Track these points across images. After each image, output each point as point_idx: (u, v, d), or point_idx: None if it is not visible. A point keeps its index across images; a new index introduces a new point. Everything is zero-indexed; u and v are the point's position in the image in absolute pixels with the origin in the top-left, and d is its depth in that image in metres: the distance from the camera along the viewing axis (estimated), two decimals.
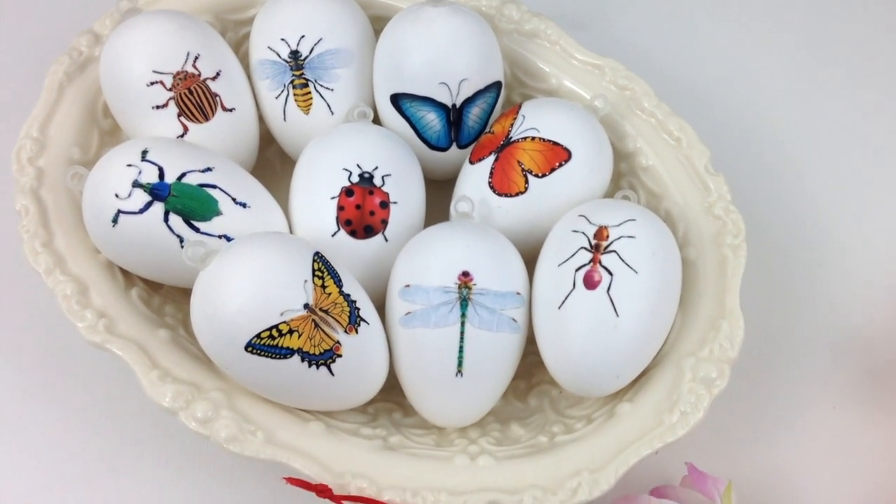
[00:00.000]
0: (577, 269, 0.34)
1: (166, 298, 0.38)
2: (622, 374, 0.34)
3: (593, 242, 0.35)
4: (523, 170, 0.37)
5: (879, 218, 0.43)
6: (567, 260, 0.35)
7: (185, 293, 0.36)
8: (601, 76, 0.41)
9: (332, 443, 0.34)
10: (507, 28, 0.42)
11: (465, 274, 0.34)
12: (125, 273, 0.37)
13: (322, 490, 0.32)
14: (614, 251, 0.34)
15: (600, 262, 0.34)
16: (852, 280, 0.42)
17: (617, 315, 0.33)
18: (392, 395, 0.37)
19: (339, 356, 0.33)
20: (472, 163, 0.39)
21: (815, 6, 0.49)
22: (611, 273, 0.34)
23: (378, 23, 0.41)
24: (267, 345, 0.32)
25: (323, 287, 0.33)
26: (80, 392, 0.38)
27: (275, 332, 0.32)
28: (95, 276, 0.36)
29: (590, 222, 0.35)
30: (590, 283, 0.34)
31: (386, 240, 0.37)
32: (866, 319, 0.41)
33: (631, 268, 0.34)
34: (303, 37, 0.39)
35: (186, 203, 0.35)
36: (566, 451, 0.34)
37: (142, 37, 0.38)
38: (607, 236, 0.35)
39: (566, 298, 0.34)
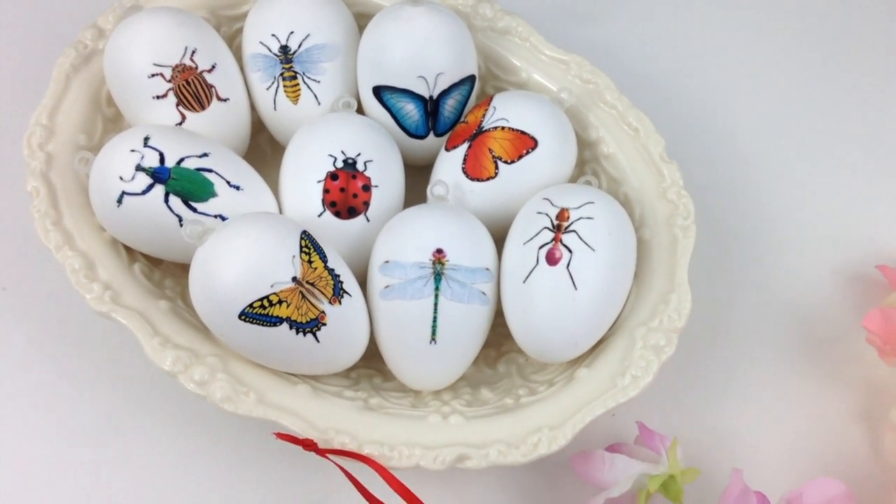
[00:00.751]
0: (541, 247, 0.37)
1: (166, 273, 0.40)
2: (580, 343, 0.37)
3: (555, 223, 0.37)
4: (494, 157, 0.40)
5: (818, 203, 0.46)
6: (531, 238, 0.37)
7: (183, 268, 0.39)
8: (567, 70, 0.44)
9: (317, 403, 0.36)
10: (481, 25, 0.44)
11: (439, 251, 0.37)
12: (128, 249, 0.39)
13: (308, 444, 0.35)
14: (574, 231, 0.37)
15: (561, 241, 0.37)
16: (793, 260, 0.44)
17: (575, 288, 0.36)
18: (373, 362, 0.39)
19: (324, 325, 0.36)
20: (447, 150, 0.41)
21: (768, 4, 0.52)
22: (570, 251, 0.37)
23: (362, 20, 0.43)
24: (258, 314, 0.34)
25: (309, 262, 0.35)
26: (87, 357, 0.40)
27: (265, 303, 0.34)
28: (101, 252, 0.38)
29: (553, 204, 0.38)
30: (551, 259, 0.37)
31: (368, 220, 0.39)
32: (804, 296, 0.43)
33: (588, 246, 0.37)
34: (292, 32, 0.41)
35: (185, 185, 0.37)
36: (529, 411, 0.37)
37: (143, 32, 0.40)
38: (568, 217, 0.37)
39: (530, 273, 0.37)
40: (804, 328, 0.42)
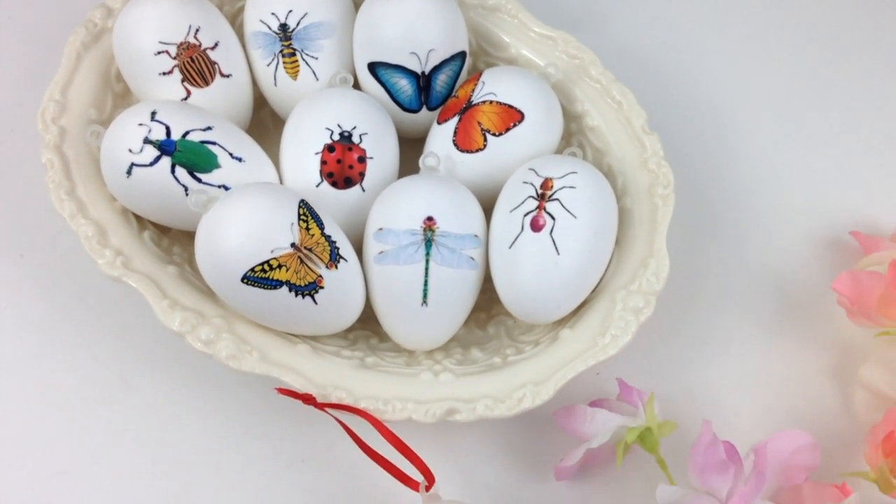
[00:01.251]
0: (526, 215, 0.39)
1: (174, 240, 0.42)
2: (563, 304, 0.39)
3: (539, 192, 0.39)
4: (482, 129, 0.42)
5: (794, 173, 0.47)
6: (517, 206, 0.39)
7: (189, 235, 0.40)
8: (554, 46, 0.45)
9: (316, 361, 0.38)
10: (471, 3, 0.46)
11: (430, 219, 0.39)
12: (138, 218, 0.41)
13: (307, 399, 0.37)
14: (557, 199, 0.39)
15: (545, 209, 0.39)
16: (769, 227, 0.45)
17: (558, 254, 0.38)
18: (369, 324, 0.41)
19: (322, 288, 0.37)
20: (439, 123, 0.43)
21: None
22: (553, 218, 0.38)
23: None
24: (259, 277, 0.36)
25: (307, 229, 0.37)
26: (100, 319, 0.42)
27: (266, 267, 0.36)
28: (112, 221, 0.40)
29: (537, 175, 0.40)
30: (535, 226, 0.38)
31: (363, 190, 0.41)
32: (780, 260, 0.45)
33: (571, 213, 0.38)
34: (290, 11, 0.43)
35: (190, 157, 0.39)
36: (515, 369, 0.39)
37: (150, 11, 0.42)
38: (552, 186, 0.39)
39: (516, 239, 0.39)
40: (779, 291, 0.44)
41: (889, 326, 0.39)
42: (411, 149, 0.44)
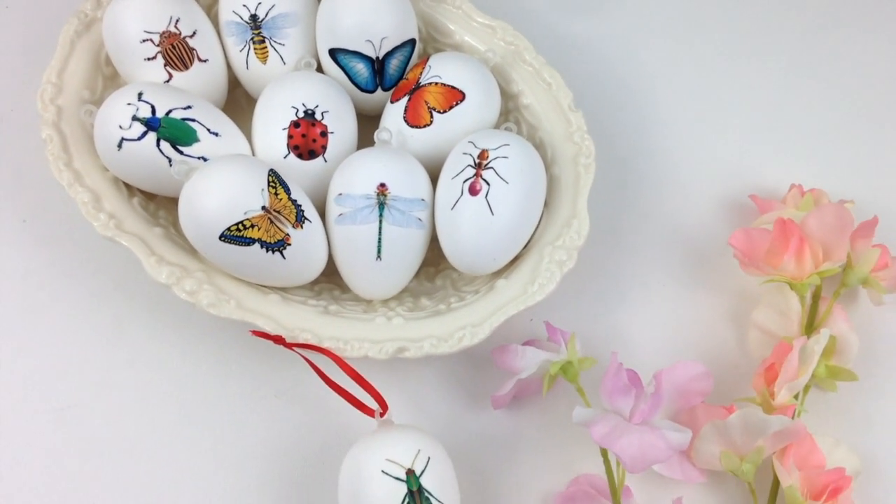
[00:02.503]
0: (465, 181, 0.43)
1: (159, 205, 0.46)
2: (498, 258, 0.44)
3: (477, 161, 0.44)
4: (429, 108, 0.46)
5: (703, 144, 0.52)
6: (458, 174, 0.44)
7: (173, 201, 0.44)
8: (494, 34, 0.50)
9: (285, 309, 0.43)
10: None
11: (382, 185, 0.43)
12: (128, 186, 0.45)
13: (278, 339, 0.41)
14: (492, 167, 0.43)
15: (481, 176, 0.43)
16: (680, 192, 0.50)
17: (492, 214, 0.43)
18: (332, 278, 0.46)
19: (289, 245, 0.42)
20: (392, 102, 0.47)
21: None
22: (488, 183, 0.43)
23: None
24: (235, 235, 0.41)
25: (276, 194, 0.42)
26: (95, 275, 0.46)
27: (240, 226, 0.41)
28: (105, 188, 0.44)
29: (475, 146, 0.44)
30: (473, 190, 0.43)
31: (325, 161, 0.45)
32: (689, 220, 0.50)
33: (504, 179, 0.43)
34: (260, 3, 0.47)
35: (173, 132, 0.43)
36: (457, 313, 0.43)
37: (135, 3, 0.45)
38: (487, 156, 0.44)
39: (456, 202, 0.43)
40: (687, 247, 0.49)
41: (775, 275, 0.44)
42: (368, 125, 0.48)
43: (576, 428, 0.41)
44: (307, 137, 0.45)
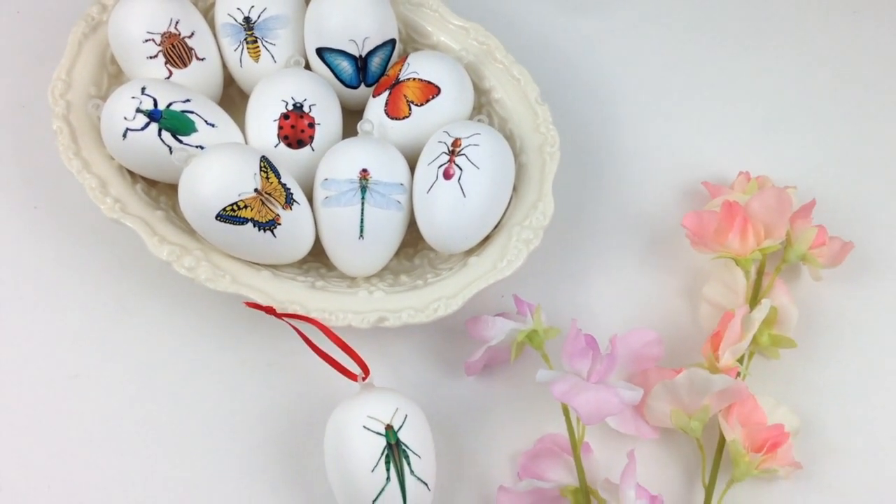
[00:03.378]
0: (440, 167, 0.47)
1: (160, 191, 0.49)
2: (469, 237, 0.47)
3: (450, 148, 0.47)
4: (408, 101, 0.49)
5: (660, 136, 0.55)
6: (433, 160, 0.47)
7: (172, 187, 0.47)
8: (467, 35, 0.53)
9: (276, 283, 0.46)
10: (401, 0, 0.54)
11: (364, 170, 0.46)
12: (131, 173, 0.48)
13: (269, 310, 0.45)
14: (464, 154, 0.47)
15: (455, 162, 0.47)
16: (639, 179, 0.53)
17: (465, 197, 0.46)
18: (319, 258, 0.49)
19: (279, 224, 0.45)
20: (374, 96, 0.50)
21: None
22: (461, 168, 0.46)
23: None
24: (229, 215, 0.44)
25: (267, 178, 0.45)
26: (101, 254, 0.49)
27: (235, 207, 0.44)
28: (111, 175, 0.47)
29: (450, 135, 0.48)
30: (447, 175, 0.46)
31: (312, 149, 0.48)
32: (647, 204, 0.53)
33: (475, 165, 0.46)
34: (252, 7, 0.50)
35: (173, 123, 0.46)
36: (433, 287, 0.47)
37: (138, 7, 0.49)
38: (460, 144, 0.47)
39: (432, 186, 0.47)
40: (645, 228, 0.52)
41: (722, 252, 0.48)
42: (352, 117, 0.51)
43: (542, 393, 0.44)
44: (296, 128, 0.48)
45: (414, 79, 0.49)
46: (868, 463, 0.46)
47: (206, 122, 0.47)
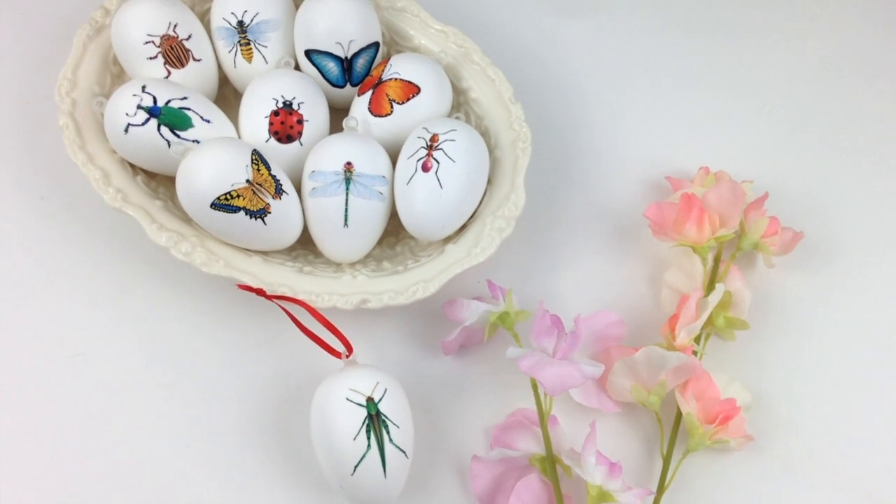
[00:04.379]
0: (419, 160, 0.49)
1: (159, 182, 0.51)
2: (446, 226, 0.50)
3: (429, 143, 0.50)
4: (390, 99, 0.52)
5: (628, 133, 0.58)
6: (413, 154, 0.50)
7: (170, 179, 0.49)
8: (447, 38, 0.55)
9: (266, 268, 0.49)
10: (385, 5, 0.56)
11: (349, 163, 0.49)
12: (132, 165, 0.50)
13: (260, 291, 0.47)
14: (441, 149, 0.49)
15: (432, 156, 0.49)
16: (608, 173, 0.56)
17: (441, 188, 0.49)
18: (307, 246, 0.51)
19: (270, 213, 0.48)
20: (359, 95, 0.53)
21: None
22: (438, 162, 0.49)
23: (297, 0, 0.55)
24: (223, 203, 0.46)
25: (258, 170, 0.48)
26: (104, 241, 0.51)
27: (228, 196, 0.46)
28: (113, 167, 0.50)
29: (428, 131, 0.50)
30: (425, 168, 0.49)
31: (301, 144, 0.51)
32: (614, 197, 0.55)
33: (451, 159, 0.49)
34: (245, 11, 0.53)
35: (171, 119, 0.49)
36: (412, 272, 0.49)
37: (138, 11, 0.51)
38: (437, 139, 0.50)
39: (411, 178, 0.49)
40: (611, 219, 0.55)
41: (680, 240, 0.51)
42: (338, 114, 0.54)
43: (513, 370, 0.47)
44: (285, 124, 0.51)
45: (396, 79, 0.52)
46: (814, 435, 0.49)
47: (201, 118, 0.49)
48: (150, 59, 0.51)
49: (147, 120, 0.48)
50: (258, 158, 0.48)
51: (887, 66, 0.62)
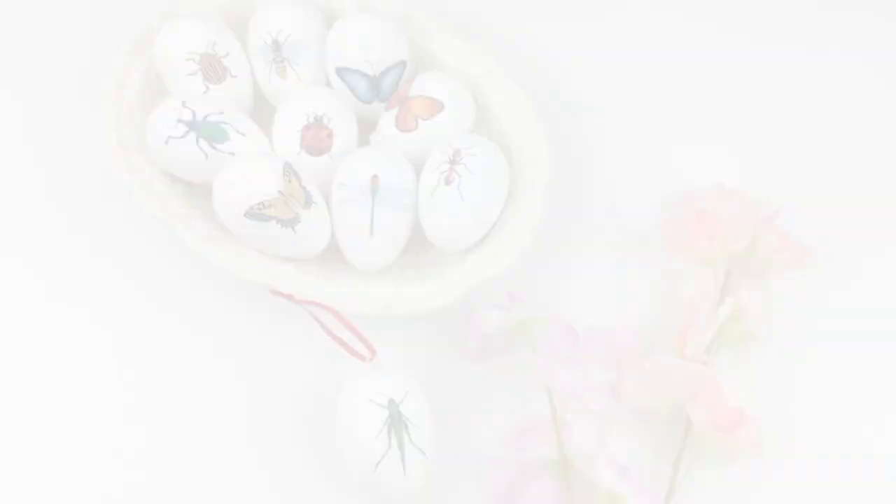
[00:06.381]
0: (442, 173, 0.51)
1: (197, 192, 0.51)
2: (467, 237, 0.51)
3: (452, 157, 0.51)
4: (415, 116, 0.54)
5: (647, 146, 0.58)
6: (436, 168, 0.51)
7: (207, 189, 0.50)
8: (470, 57, 0.56)
9: (297, 274, 0.50)
10: (413, 24, 0.56)
11: (375, 176, 0.51)
12: (172, 175, 0.51)
13: (290, 296, 0.49)
14: (463, 163, 0.51)
15: (455, 170, 0.51)
16: (626, 187, 0.56)
17: (463, 201, 0.50)
18: (335, 254, 0.52)
19: (300, 222, 0.49)
20: (386, 111, 0.54)
21: None
22: (460, 175, 0.50)
23: (329, 21, 0.56)
24: (257, 213, 0.48)
25: (289, 182, 0.49)
26: (146, 247, 0.52)
27: (261, 206, 0.48)
28: (154, 178, 0.51)
29: (451, 146, 0.51)
30: (448, 181, 0.50)
31: (330, 157, 0.52)
32: (632, 210, 0.55)
33: (473, 173, 0.50)
34: (280, 31, 0.54)
35: (209, 132, 0.50)
36: (434, 280, 0.50)
37: (180, 30, 0.53)
38: (460, 154, 0.51)
39: (435, 191, 0.51)
40: (628, 232, 0.55)
41: (693, 254, 0.52)
42: (366, 129, 0.54)
43: (530, 378, 0.48)
44: (316, 138, 0.52)
45: (422, 96, 0.54)
46: (823, 446, 0.50)
47: (238, 131, 0.51)
48: (190, 75, 0.53)
49: (186, 132, 0.50)
50: (290, 170, 0.50)
51: None
